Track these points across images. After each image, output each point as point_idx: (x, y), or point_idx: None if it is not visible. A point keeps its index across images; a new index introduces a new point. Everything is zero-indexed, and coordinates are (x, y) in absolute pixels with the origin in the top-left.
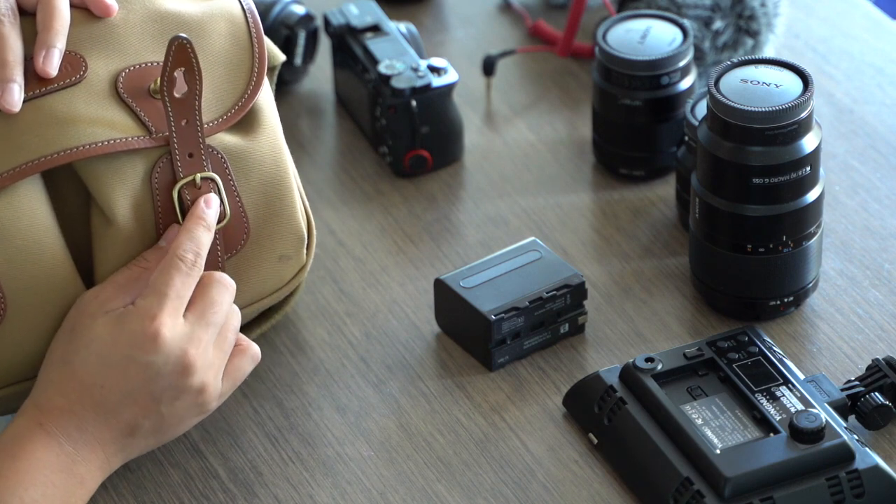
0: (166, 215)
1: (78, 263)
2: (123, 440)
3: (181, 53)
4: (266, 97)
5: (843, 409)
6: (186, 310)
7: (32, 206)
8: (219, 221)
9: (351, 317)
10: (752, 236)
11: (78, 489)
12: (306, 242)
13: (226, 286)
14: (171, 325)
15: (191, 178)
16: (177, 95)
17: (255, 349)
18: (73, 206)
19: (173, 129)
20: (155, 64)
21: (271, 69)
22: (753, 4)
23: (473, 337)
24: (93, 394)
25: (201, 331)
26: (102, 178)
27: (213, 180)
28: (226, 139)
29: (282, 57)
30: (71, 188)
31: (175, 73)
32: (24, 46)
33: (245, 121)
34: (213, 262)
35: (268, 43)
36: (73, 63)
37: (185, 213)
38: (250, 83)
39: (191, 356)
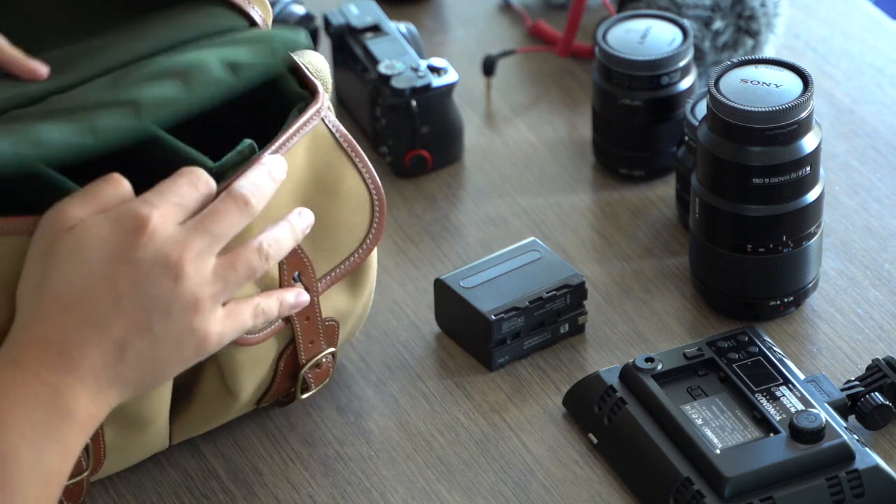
0: (277, 390)
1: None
2: (115, 365)
3: (293, 258)
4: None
5: (843, 409)
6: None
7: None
8: (323, 381)
9: None
10: (752, 236)
11: (67, 424)
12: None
13: (235, 200)
14: (163, 221)
15: (314, 360)
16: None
17: (260, 307)
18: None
19: (297, 325)
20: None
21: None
22: (753, 4)
23: (473, 337)
24: (78, 309)
25: (196, 237)
26: (238, 360)
27: (332, 355)
28: (339, 303)
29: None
30: None
31: (292, 279)
32: None
33: (355, 276)
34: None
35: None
36: None
37: (305, 391)
38: (368, 235)
39: (178, 257)
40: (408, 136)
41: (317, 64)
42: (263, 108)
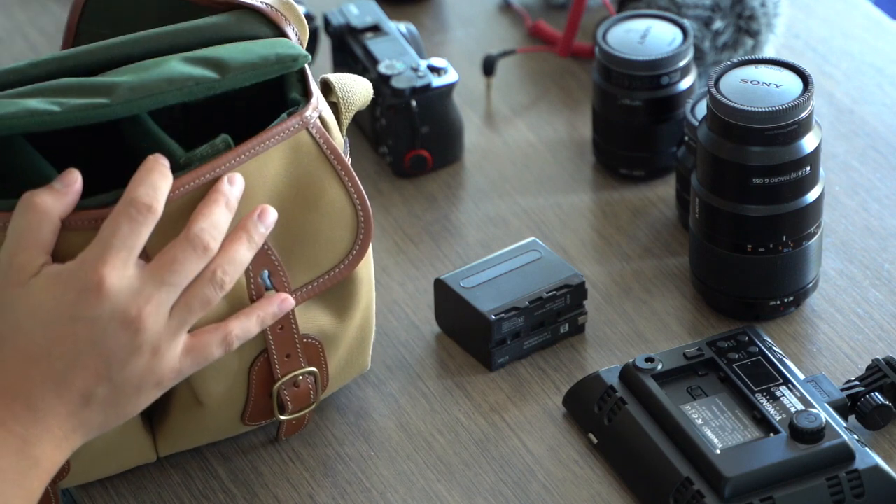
0: (258, 405)
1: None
2: (79, 413)
3: (260, 257)
4: (365, 265)
5: (843, 409)
6: (146, 265)
7: None
8: (308, 406)
9: None
10: (752, 236)
11: (32, 471)
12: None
13: (194, 247)
14: (117, 275)
15: (290, 376)
16: None
17: (232, 335)
18: None
19: (269, 336)
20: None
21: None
22: (753, 4)
23: (473, 337)
24: (40, 365)
25: (152, 288)
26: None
27: (312, 374)
28: (321, 321)
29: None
30: None
31: (259, 279)
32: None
33: (341, 295)
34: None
35: (356, 83)
36: None
37: (282, 409)
38: (350, 252)
39: (137, 311)
40: (408, 136)
41: (347, 83)
42: (265, 115)
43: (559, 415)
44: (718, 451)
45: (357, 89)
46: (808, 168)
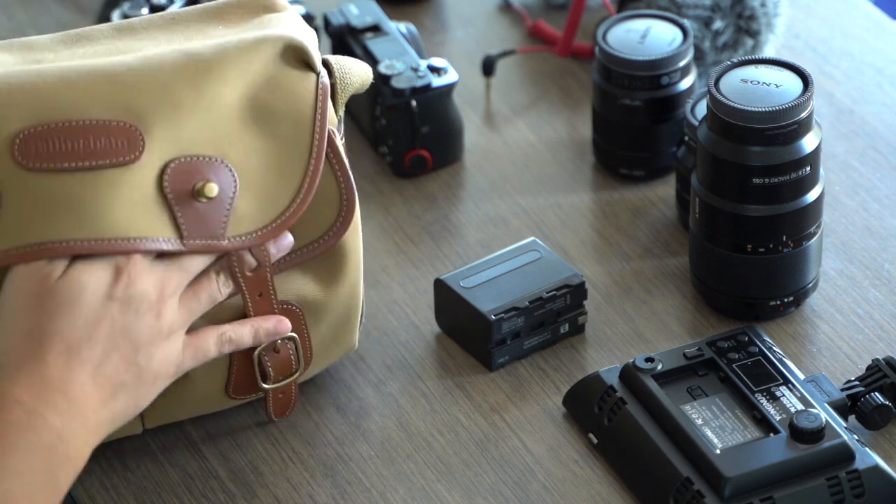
0: (241, 375)
1: None
2: (109, 403)
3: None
4: (353, 234)
5: (843, 409)
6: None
7: None
8: (290, 374)
9: None
10: (752, 236)
11: (62, 469)
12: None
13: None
14: (145, 260)
15: (269, 342)
16: (249, 274)
17: (226, 335)
18: None
19: (248, 302)
20: (203, 158)
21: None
22: (753, 4)
23: (473, 337)
24: (80, 352)
25: (174, 274)
26: None
27: (291, 339)
28: (302, 288)
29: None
30: None
31: (244, 253)
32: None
33: (327, 265)
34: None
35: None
36: (132, 140)
37: (264, 375)
38: (332, 228)
39: (161, 293)
40: (408, 136)
41: (345, 64)
42: None
43: (559, 415)
44: (718, 451)
45: (355, 71)
46: (808, 168)
